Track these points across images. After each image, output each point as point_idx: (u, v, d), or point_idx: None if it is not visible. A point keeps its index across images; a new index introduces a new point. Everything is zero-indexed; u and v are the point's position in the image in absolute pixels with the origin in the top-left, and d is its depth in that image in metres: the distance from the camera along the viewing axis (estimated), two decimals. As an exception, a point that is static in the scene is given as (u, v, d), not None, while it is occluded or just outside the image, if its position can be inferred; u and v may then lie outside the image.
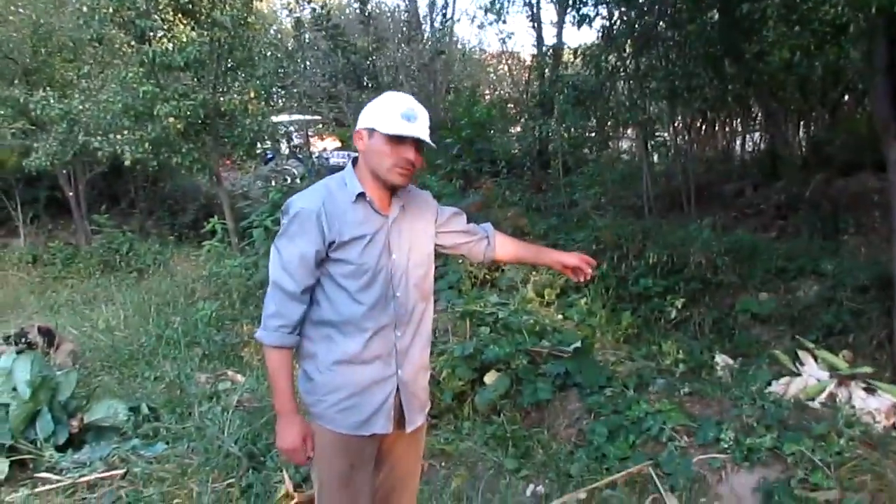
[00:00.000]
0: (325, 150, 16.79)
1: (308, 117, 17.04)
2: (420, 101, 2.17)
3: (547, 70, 12.11)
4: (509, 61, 20.65)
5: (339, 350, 2.10)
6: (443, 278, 7.24)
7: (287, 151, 14.73)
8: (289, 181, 10.89)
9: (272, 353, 2.09)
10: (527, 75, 16.81)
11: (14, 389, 4.08)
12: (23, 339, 5.51)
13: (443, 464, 4.02)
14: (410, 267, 2.19)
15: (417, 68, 11.22)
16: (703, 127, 11.89)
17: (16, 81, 10.68)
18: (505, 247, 2.53)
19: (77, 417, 4.17)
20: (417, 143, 2.06)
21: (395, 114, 2.03)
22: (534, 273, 6.70)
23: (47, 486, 3.74)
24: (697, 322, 6.13)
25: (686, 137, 10.56)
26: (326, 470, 2.19)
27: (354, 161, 2.16)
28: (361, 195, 2.09)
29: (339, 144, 18.96)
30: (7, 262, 11.35)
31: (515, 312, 5.39)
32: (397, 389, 2.19)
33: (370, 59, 7.54)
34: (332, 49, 6.96)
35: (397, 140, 2.02)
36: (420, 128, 2.04)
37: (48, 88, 9.93)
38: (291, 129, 15.91)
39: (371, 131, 2.06)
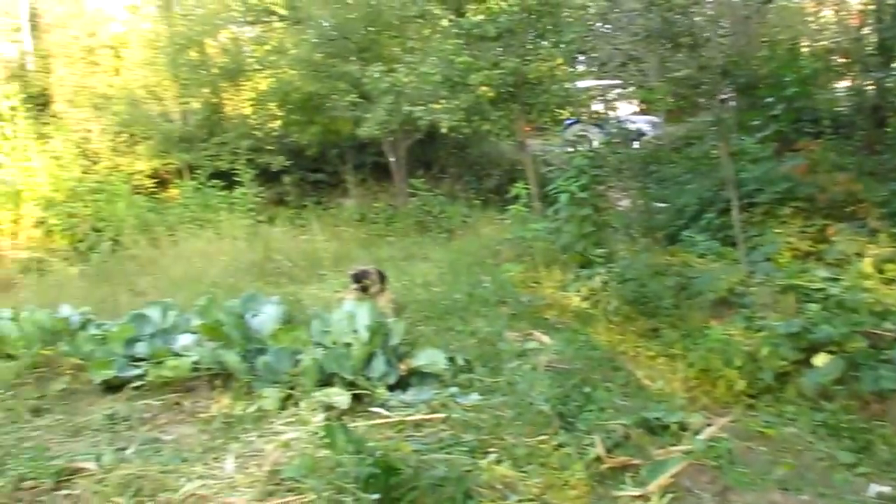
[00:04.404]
0: (624, 115, 16.39)
1: (606, 82, 16.73)
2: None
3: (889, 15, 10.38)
4: (836, 6, 18.18)
5: None
6: (757, 249, 6.70)
7: (586, 117, 14.63)
8: (591, 146, 10.85)
9: None
10: (859, 21, 14.65)
11: (355, 331, 4.59)
12: (363, 279, 6.23)
13: (762, 448, 3.73)
14: None
15: (733, 22, 10.40)
16: None
17: (351, 58, 12.01)
18: None
19: (405, 362, 4.58)
20: None
21: None
22: (870, 245, 5.88)
23: (379, 421, 4.17)
24: None
25: None
26: None
27: None
28: None
29: (636, 109, 18.37)
30: (340, 219, 12.87)
31: (850, 289, 4.78)
32: None
33: (687, 14, 7.15)
34: (647, 6, 6.73)
35: None
36: None
37: (377, 63, 10.98)
38: (592, 94, 15.78)
39: None
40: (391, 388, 4.50)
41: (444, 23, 10.44)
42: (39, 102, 14.35)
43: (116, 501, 3.38)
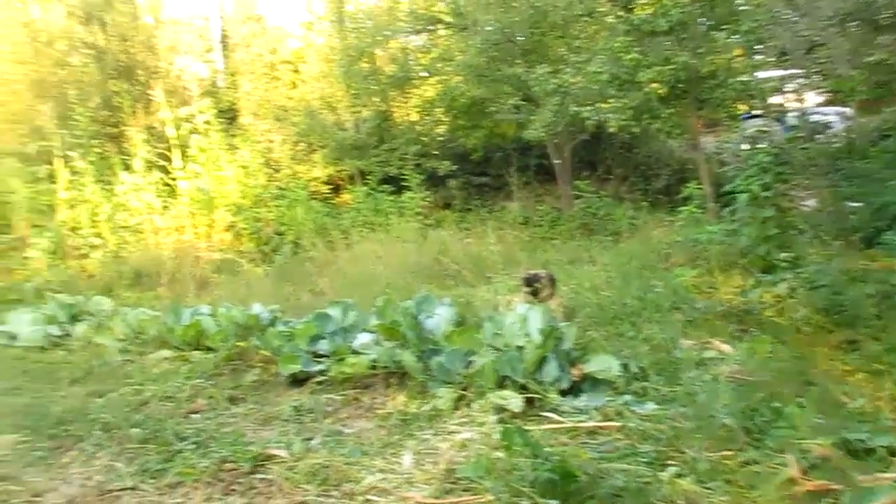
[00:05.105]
0: (810, 106, 15.20)
1: (788, 72, 15.61)
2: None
3: None
4: None
5: None
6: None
7: (766, 111, 13.74)
8: (773, 142, 10.15)
9: None
10: None
11: (527, 335, 4.59)
12: (534, 283, 6.23)
13: None
14: None
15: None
16: None
17: (516, 61, 12.07)
18: None
19: (577, 367, 4.52)
20: None
21: None
22: None
23: (551, 426, 4.13)
24: None
25: None
26: None
27: None
28: None
29: (822, 100, 16.97)
30: (504, 222, 12.94)
31: None
32: None
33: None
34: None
35: None
36: None
37: (542, 65, 10.95)
38: (770, 85, 14.81)
39: None
40: (563, 393, 4.46)
41: (611, 19, 10.21)
42: (228, 116, 15.65)
43: (306, 488, 3.60)
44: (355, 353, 5.22)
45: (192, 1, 17.72)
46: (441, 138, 15.03)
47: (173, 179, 13.13)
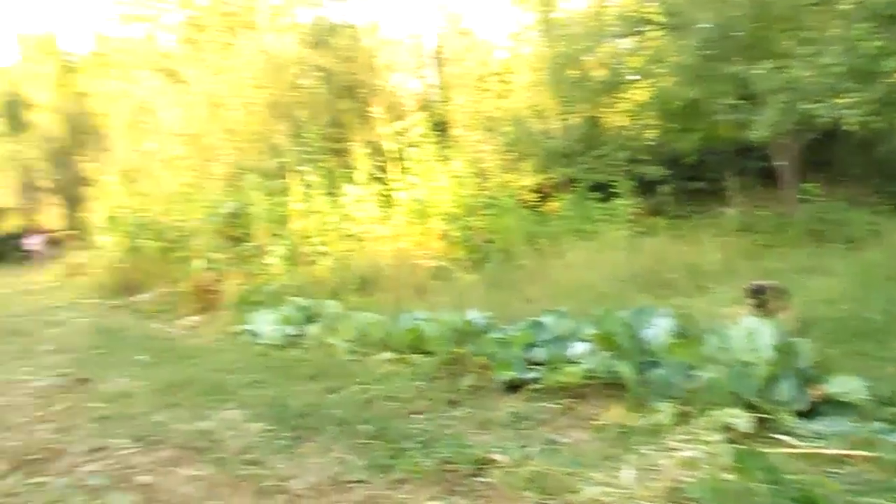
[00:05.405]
0: None
1: None
2: None
3: None
4: None
5: None
6: None
7: None
8: None
9: None
10: None
11: (755, 350, 4.30)
12: (761, 294, 5.83)
13: None
14: None
15: None
16: None
17: (734, 59, 11.35)
18: None
19: (817, 387, 4.15)
20: None
21: None
22: None
23: (787, 450, 3.81)
24: None
25: None
26: None
27: None
28: None
29: None
30: (721, 229, 12.20)
31: None
32: None
33: None
34: None
35: None
36: None
37: (766, 61, 10.20)
38: None
39: None
40: (798, 414, 4.12)
41: (846, 6, 9.27)
42: (441, 128, 16.28)
43: (525, 495, 3.64)
44: (570, 362, 5.19)
45: (407, 21, 18.81)
46: (651, 143, 14.54)
47: (391, 190, 13.86)
